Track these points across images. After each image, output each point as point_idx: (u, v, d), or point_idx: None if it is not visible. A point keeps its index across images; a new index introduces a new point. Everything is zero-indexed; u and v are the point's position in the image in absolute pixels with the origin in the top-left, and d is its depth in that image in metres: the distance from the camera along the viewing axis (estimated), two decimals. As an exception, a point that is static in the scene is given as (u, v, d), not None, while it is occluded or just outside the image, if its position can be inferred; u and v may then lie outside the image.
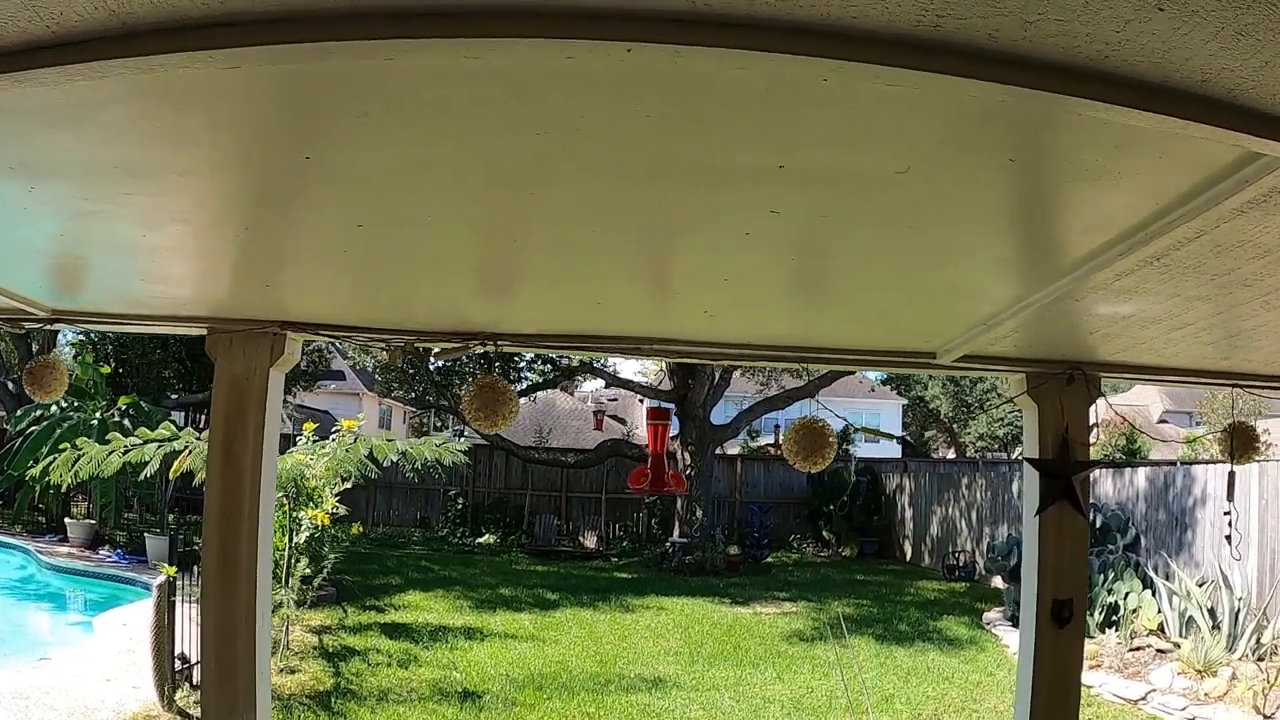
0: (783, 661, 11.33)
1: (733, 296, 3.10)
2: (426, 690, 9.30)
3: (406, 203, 2.23)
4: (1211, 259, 2.37)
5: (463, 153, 1.91)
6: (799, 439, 3.57)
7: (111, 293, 3.66)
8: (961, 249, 2.43)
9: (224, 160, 2.02)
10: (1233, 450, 4.35)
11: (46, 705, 7.56)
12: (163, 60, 1.48)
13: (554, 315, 3.60)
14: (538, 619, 13.47)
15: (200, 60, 1.48)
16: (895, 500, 24.00)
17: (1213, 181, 1.85)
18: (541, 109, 1.68)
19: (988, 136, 1.72)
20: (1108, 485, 14.53)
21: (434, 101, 1.67)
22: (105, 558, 15.42)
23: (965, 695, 9.85)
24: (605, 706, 9.10)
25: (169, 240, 2.68)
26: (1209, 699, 8.92)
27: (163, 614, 7.99)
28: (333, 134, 1.86)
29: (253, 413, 3.63)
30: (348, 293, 3.40)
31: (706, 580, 18.21)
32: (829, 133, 1.73)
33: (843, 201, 2.09)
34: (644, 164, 1.92)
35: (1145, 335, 3.32)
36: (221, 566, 3.60)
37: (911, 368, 4.04)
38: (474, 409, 3.46)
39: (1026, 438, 3.89)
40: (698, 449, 21.33)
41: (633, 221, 2.33)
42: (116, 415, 16.60)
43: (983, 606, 15.12)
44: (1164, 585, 11.57)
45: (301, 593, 10.36)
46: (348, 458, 10.79)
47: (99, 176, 2.14)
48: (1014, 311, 2.92)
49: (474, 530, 24.02)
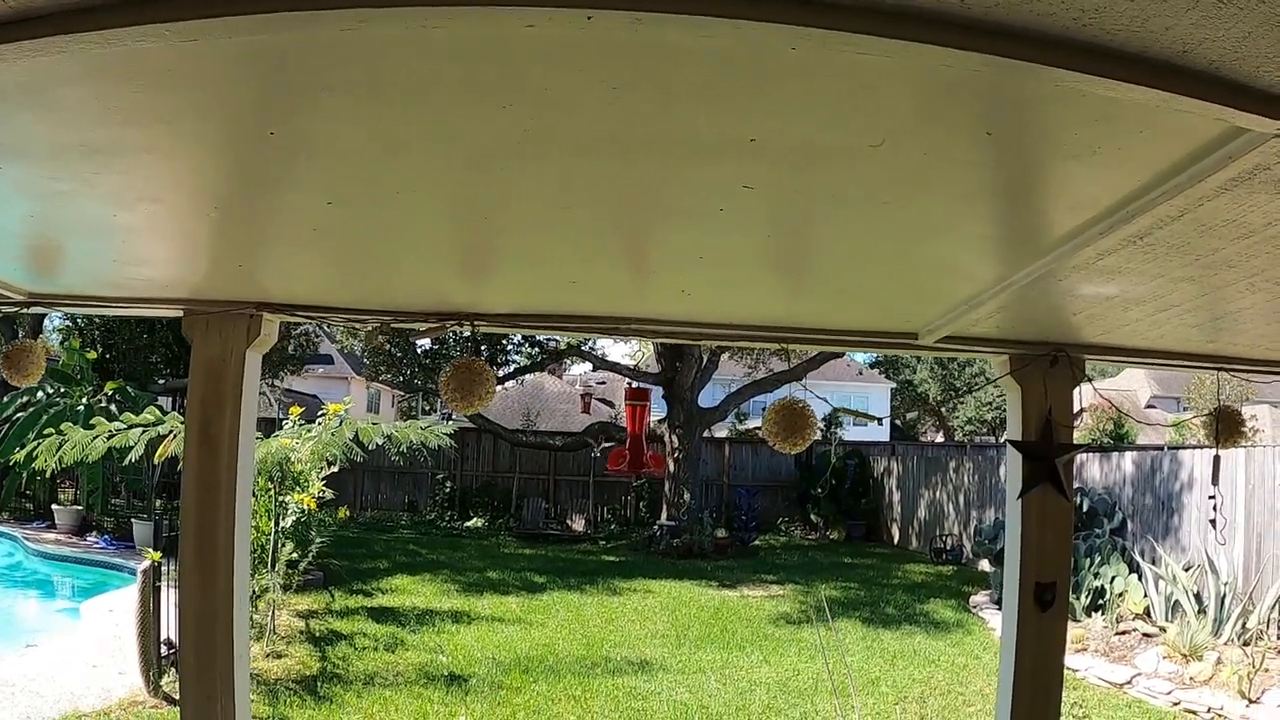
0: (769, 644, 11.36)
1: (709, 275, 3.06)
2: (413, 674, 9.30)
3: (375, 179, 2.19)
4: (1195, 239, 2.34)
5: (430, 128, 1.87)
6: (779, 420, 3.54)
7: (87, 275, 3.61)
8: (941, 226, 2.40)
9: (190, 137, 1.97)
10: (1218, 434, 4.34)
11: (33, 692, 7.54)
12: (120, 34, 1.44)
13: (531, 295, 3.56)
14: (525, 602, 13.48)
15: (157, 34, 1.44)
16: (883, 484, 24.06)
17: (1195, 158, 1.82)
18: (506, 82, 1.64)
19: (964, 109, 1.68)
20: (1095, 469, 14.57)
21: (399, 75, 1.63)
22: (93, 544, 15.39)
23: (951, 678, 9.88)
24: (592, 689, 9.11)
25: (140, 220, 2.64)
26: (1194, 683, 8.96)
27: (148, 599, 7.97)
28: (297, 109, 1.82)
29: (230, 395, 3.59)
30: (323, 272, 3.35)
31: (694, 563, 18.26)
32: (800, 104, 1.68)
33: (817, 176, 2.05)
34: (614, 138, 1.87)
35: (1129, 317, 3.30)
36: (199, 550, 3.57)
37: (893, 348, 4.01)
38: (450, 389, 3.43)
39: (1010, 420, 3.86)
40: (685, 432, 21.35)
41: (605, 198, 2.29)
42: (103, 401, 16.54)
43: (969, 590, 15.17)
44: (1150, 570, 11.62)
45: (288, 577, 10.33)
46: (333, 441, 10.75)
47: (65, 156, 2.09)
48: (996, 291, 2.89)
49: (462, 514, 24.04)
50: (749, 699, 8.99)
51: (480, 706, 8.34)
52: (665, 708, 8.62)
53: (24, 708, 7.16)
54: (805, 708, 8.70)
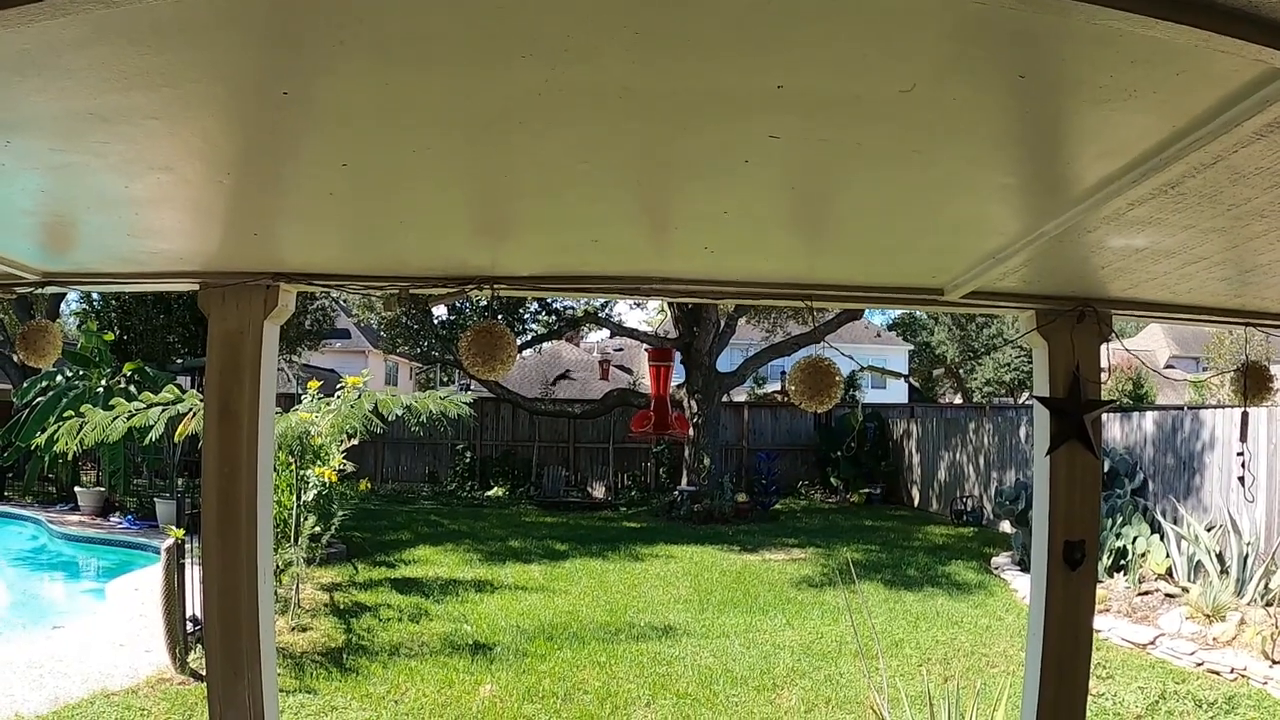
0: (792, 608, 11.37)
1: (733, 232, 3.00)
2: (438, 644, 9.34)
3: (391, 139, 2.15)
4: (1228, 187, 2.28)
5: (444, 84, 1.82)
6: (805, 378, 3.50)
7: (101, 251, 3.59)
8: (969, 176, 2.34)
9: (199, 101, 1.93)
10: (1246, 390, 4.29)
11: (60, 673, 7.59)
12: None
13: (551, 257, 3.52)
14: (547, 570, 13.52)
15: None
16: (903, 446, 24.01)
17: (1232, 101, 1.77)
18: (523, 32, 1.59)
19: (997, 51, 1.62)
20: (1115, 429, 14.49)
21: (412, 29, 1.59)
22: (116, 524, 15.48)
23: (974, 639, 9.87)
24: (616, 655, 9.13)
25: (152, 191, 2.60)
26: (1217, 644, 8.92)
27: (172, 577, 8.01)
28: (308, 69, 1.77)
29: (248, 367, 3.57)
30: (338, 239, 3.32)
31: (715, 528, 18.29)
32: (829, 49, 1.62)
33: (845, 125, 1.99)
34: (634, 90, 1.82)
35: (1158, 270, 3.24)
36: (221, 525, 3.56)
37: (918, 304, 3.95)
38: (471, 354, 3.39)
39: (1036, 376, 3.81)
40: (704, 397, 21.35)
41: (626, 154, 2.24)
42: (122, 382, 16.61)
43: (990, 551, 15.15)
44: (1172, 530, 11.56)
45: (311, 550, 10.37)
46: (352, 414, 10.76)
47: (74, 126, 2.06)
48: (1024, 244, 2.84)
49: (482, 483, 24.16)
50: (773, 662, 9.00)
51: (505, 675, 8.38)
52: (690, 672, 8.64)
53: (52, 689, 7.21)
54: (829, 670, 8.71)
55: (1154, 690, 7.95)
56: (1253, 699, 7.77)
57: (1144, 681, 8.20)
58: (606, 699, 7.81)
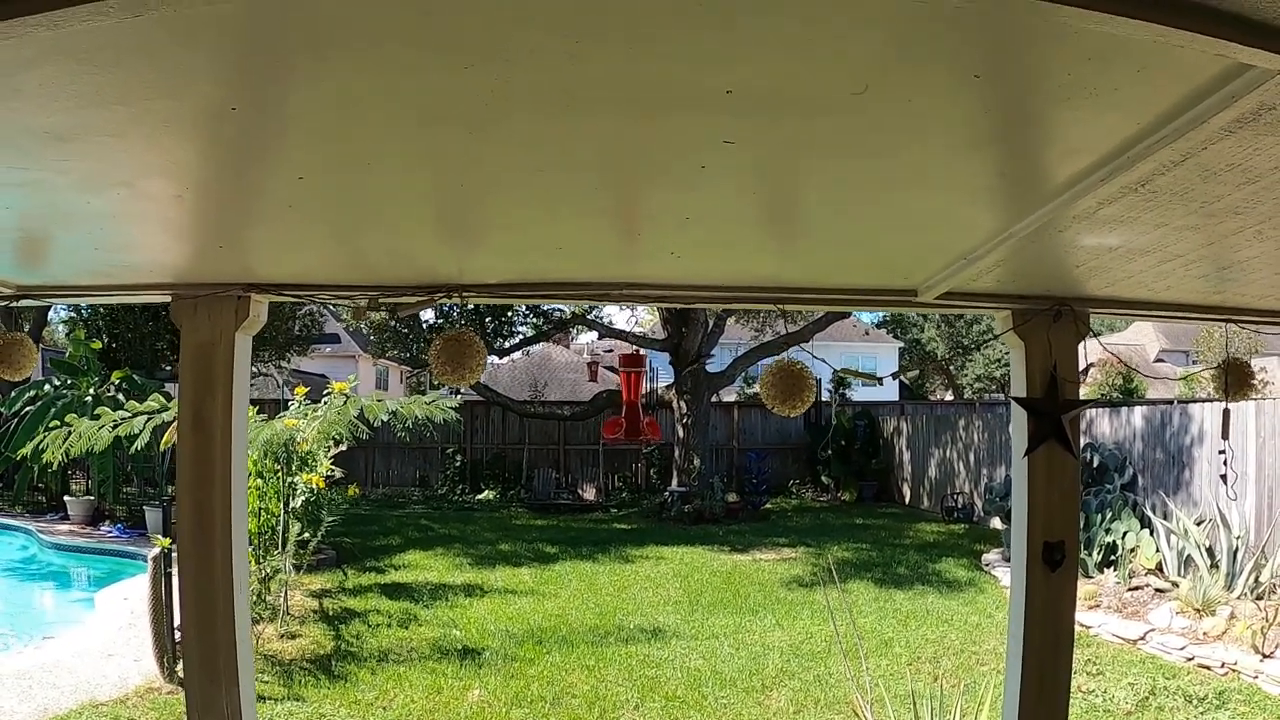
0: (782, 608, 11.36)
1: (697, 236, 2.98)
2: (427, 649, 9.32)
3: (343, 151, 2.12)
4: (1199, 185, 2.26)
5: (391, 92, 1.79)
6: (776, 382, 3.47)
7: (71, 266, 3.59)
8: (933, 176, 2.31)
9: (151, 118, 1.91)
10: (1227, 386, 4.27)
11: (49, 684, 7.55)
12: (66, 15, 1.39)
13: (518, 263, 3.49)
14: (537, 573, 13.50)
15: (99, 12, 1.38)
16: (893, 443, 24.04)
17: (1197, 98, 1.74)
18: (466, 40, 1.56)
19: (948, 49, 1.59)
20: (1105, 425, 14.51)
21: (355, 36, 1.56)
22: (106, 533, 15.44)
23: (964, 637, 9.87)
24: (605, 658, 9.12)
25: (114, 207, 2.59)
26: (1208, 638, 8.93)
27: (159, 586, 7.97)
28: (256, 82, 1.75)
29: (220, 378, 3.55)
30: (305, 250, 3.29)
31: (705, 528, 18.29)
32: (776, 48, 1.59)
33: (800, 128, 1.96)
34: (581, 94, 1.79)
35: (1134, 268, 3.22)
36: (196, 535, 3.55)
37: (892, 306, 3.94)
38: (440, 362, 3.38)
39: (1014, 377, 3.79)
40: (694, 397, 21.34)
41: (578, 159, 2.21)
42: (110, 390, 16.55)
43: (981, 548, 15.15)
44: (1162, 525, 11.58)
45: (299, 557, 10.33)
46: (339, 419, 10.71)
47: (32, 144, 2.06)
48: (995, 244, 2.81)
49: (473, 487, 24.11)
50: (762, 663, 8.99)
51: (494, 679, 8.35)
52: (679, 674, 8.62)
53: (41, 700, 7.17)
54: (819, 670, 8.70)
55: (1144, 686, 7.95)
56: (1243, 693, 7.77)
57: (1134, 677, 8.20)
58: (595, 702, 7.79)
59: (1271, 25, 1.43)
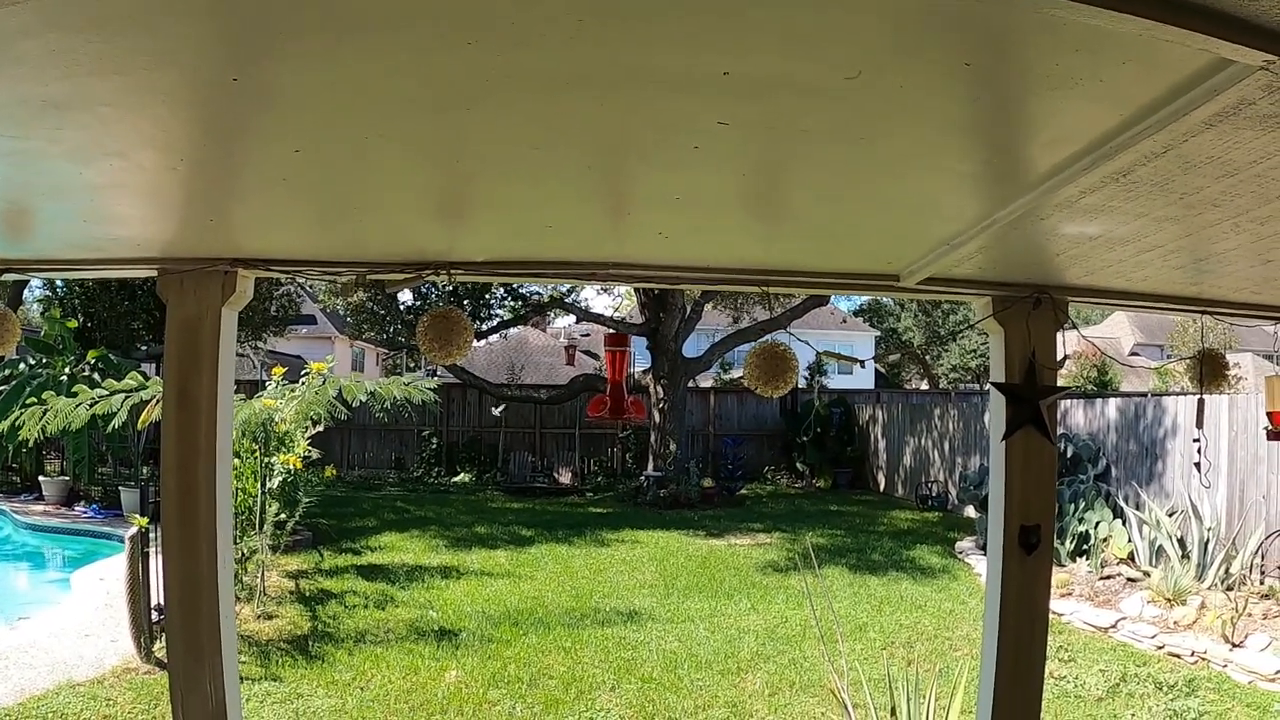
0: (757, 592, 11.43)
1: (686, 217, 3.01)
2: (403, 630, 9.33)
3: (342, 125, 2.14)
4: (1179, 176, 2.31)
5: (393, 69, 1.81)
6: (760, 363, 3.50)
7: (58, 238, 3.55)
8: (920, 162, 2.35)
9: (149, 88, 1.91)
10: (1202, 377, 4.34)
11: (26, 664, 7.53)
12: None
13: (508, 241, 3.50)
14: (513, 556, 13.53)
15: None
16: (869, 431, 24.17)
17: (1179, 91, 1.78)
18: (470, 17, 1.59)
19: (941, 39, 1.63)
20: (1079, 416, 14.65)
21: (361, 13, 1.58)
22: (81, 513, 15.35)
23: (938, 623, 9.97)
24: (581, 640, 9.16)
25: (105, 177, 2.58)
26: (1178, 627, 9.06)
27: (136, 566, 7.95)
28: (258, 54, 1.76)
29: (206, 354, 3.54)
30: (296, 225, 3.29)
31: (681, 513, 18.36)
32: (775, 34, 1.62)
33: (793, 110, 2.00)
34: (582, 74, 1.82)
35: (1113, 257, 3.27)
36: (181, 512, 3.53)
37: (875, 290, 3.97)
38: (428, 339, 3.39)
39: (993, 362, 3.84)
40: (670, 382, 21.38)
41: (575, 138, 2.23)
42: (86, 369, 16.43)
43: (955, 536, 15.29)
44: (1134, 515, 11.72)
45: (275, 538, 10.33)
46: (317, 400, 10.70)
47: (27, 113, 2.05)
48: (977, 231, 2.86)
49: (449, 470, 24.11)
50: (737, 646, 9.06)
51: (471, 660, 8.38)
52: (654, 657, 8.67)
53: (17, 680, 7.16)
54: (793, 654, 8.77)
55: (1115, 673, 8.06)
56: (1213, 681, 7.89)
57: (1105, 664, 8.32)
58: (571, 684, 7.83)
59: (1254, 22, 1.48)
